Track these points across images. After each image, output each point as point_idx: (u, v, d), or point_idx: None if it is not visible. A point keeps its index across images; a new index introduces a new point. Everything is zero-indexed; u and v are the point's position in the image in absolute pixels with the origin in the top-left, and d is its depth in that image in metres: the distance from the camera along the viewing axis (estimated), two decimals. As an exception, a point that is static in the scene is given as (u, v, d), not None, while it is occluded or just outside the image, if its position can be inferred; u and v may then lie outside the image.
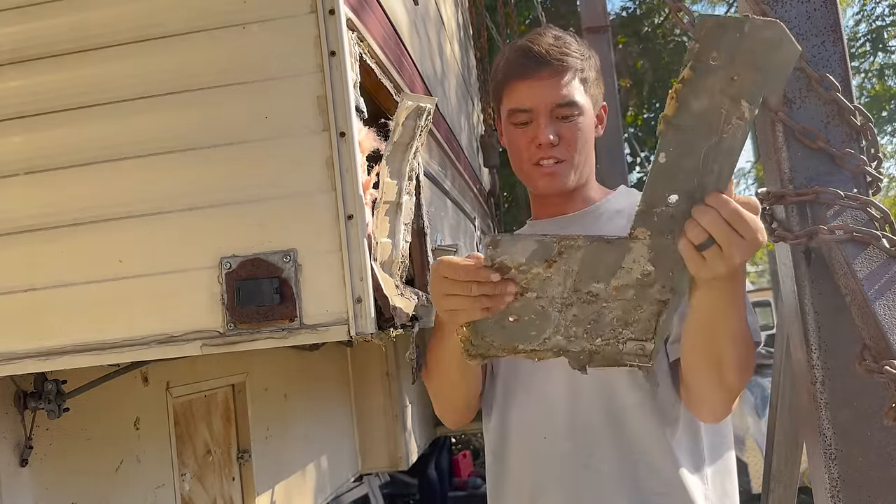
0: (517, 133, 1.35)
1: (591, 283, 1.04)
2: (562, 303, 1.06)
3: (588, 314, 1.08)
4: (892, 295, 1.16)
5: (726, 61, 0.92)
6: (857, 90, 11.68)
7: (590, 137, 1.37)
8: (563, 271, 1.03)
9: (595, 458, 1.28)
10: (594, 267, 1.03)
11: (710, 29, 0.90)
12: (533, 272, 1.03)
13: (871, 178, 1.30)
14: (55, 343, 1.25)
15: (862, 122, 1.30)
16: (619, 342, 1.11)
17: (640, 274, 1.03)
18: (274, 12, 1.24)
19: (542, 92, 1.31)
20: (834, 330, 1.28)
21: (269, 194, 1.22)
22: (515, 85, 1.34)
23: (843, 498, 1.24)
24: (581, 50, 1.37)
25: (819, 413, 1.28)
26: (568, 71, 1.32)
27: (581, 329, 1.09)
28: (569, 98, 1.32)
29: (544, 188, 1.36)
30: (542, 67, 1.31)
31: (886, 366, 1.10)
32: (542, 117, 1.31)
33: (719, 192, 0.98)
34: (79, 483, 1.67)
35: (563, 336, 1.10)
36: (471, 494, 7.03)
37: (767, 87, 0.94)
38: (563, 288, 1.05)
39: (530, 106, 1.32)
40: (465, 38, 4.74)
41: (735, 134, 0.95)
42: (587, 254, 1.02)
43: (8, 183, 1.29)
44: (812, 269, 1.30)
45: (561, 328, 1.09)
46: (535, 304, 1.06)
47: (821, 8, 1.34)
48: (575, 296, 1.06)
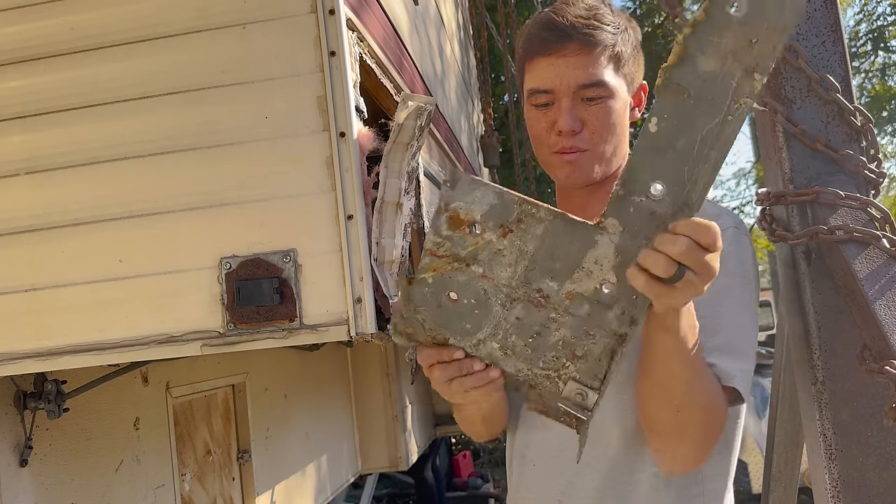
0: (537, 116, 1.20)
1: (545, 279, 0.91)
2: (507, 294, 0.93)
3: (533, 322, 0.93)
4: (893, 295, 1.16)
5: (752, 14, 0.79)
6: (858, 90, 11.68)
7: (621, 123, 1.19)
8: (517, 248, 0.90)
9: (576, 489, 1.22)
10: (551, 254, 0.90)
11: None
12: (485, 237, 0.90)
13: (871, 178, 1.30)
14: (55, 343, 1.25)
15: (862, 123, 1.30)
16: (560, 379, 0.95)
17: (598, 283, 0.90)
18: (274, 12, 1.24)
19: (564, 71, 1.15)
20: (834, 330, 1.28)
21: (269, 194, 1.22)
22: (536, 62, 1.18)
23: (843, 498, 1.24)
24: (616, 21, 1.19)
25: (819, 413, 1.28)
26: (597, 46, 1.15)
27: (521, 341, 0.95)
28: (596, 78, 1.15)
29: (564, 180, 1.21)
30: (566, 42, 1.15)
31: (887, 366, 1.10)
32: (565, 99, 1.16)
33: (689, 217, 0.85)
34: (79, 483, 1.67)
35: (500, 345, 0.96)
36: (471, 495, 7.02)
37: (777, 55, 0.80)
38: (512, 272, 0.91)
39: (551, 86, 1.16)
40: (465, 38, 4.74)
41: (739, 118, 0.83)
42: (547, 232, 0.89)
43: (8, 183, 1.29)
44: (812, 269, 1.30)
45: (500, 332, 0.95)
46: (479, 284, 0.93)
47: (821, 8, 1.34)
48: (523, 290, 0.92)
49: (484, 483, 7.20)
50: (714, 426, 1.11)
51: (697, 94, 0.82)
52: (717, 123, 0.82)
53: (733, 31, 0.79)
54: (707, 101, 0.82)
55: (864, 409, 1.25)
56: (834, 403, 1.27)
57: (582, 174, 1.20)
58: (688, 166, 0.84)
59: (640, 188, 0.86)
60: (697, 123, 0.83)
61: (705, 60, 0.80)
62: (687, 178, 0.85)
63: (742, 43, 0.79)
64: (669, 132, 0.83)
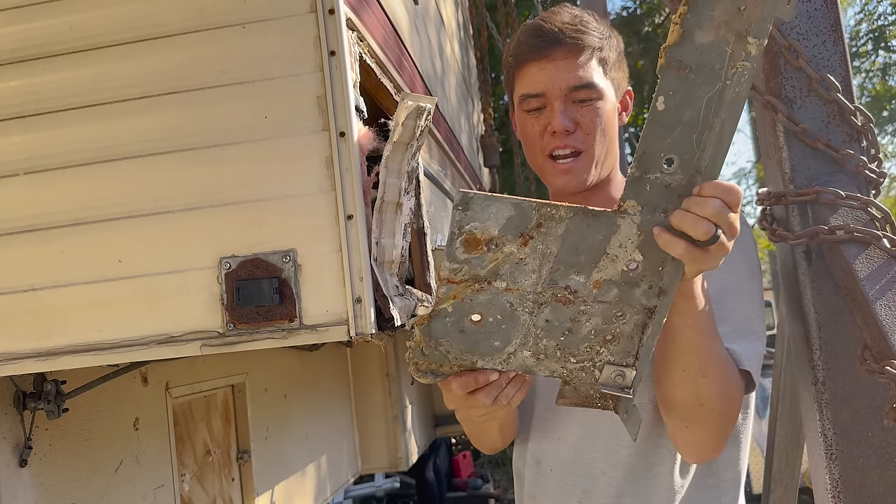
0: (530, 121, 1.22)
1: (570, 275, 0.91)
2: (534, 300, 0.93)
3: (563, 320, 0.94)
4: (893, 295, 1.16)
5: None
6: (858, 90, 11.68)
7: (612, 125, 1.23)
8: (539, 252, 0.90)
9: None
10: (575, 249, 0.90)
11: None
12: (505, 250, 0.90)
13: (872, 178, 1.30)
14: (55, 343, 1.25)
15: (862, 123, 1.30)
16: (596, 367, 0.96)
17: (625, 265, 0.91)
18: (274, 12, 1.24)
19: (555, 74, 1.18)
20: (834, 330, 1.28)
21: (268, 194, 1.21)
22: (526, 68, 1.21)
23: (844, 498, 1.24)
24: (600, 28, 1.23)
25: (819, 413, 1.28)
26: (584, 50, 1.19)
27: (553, 342, 0.95)
28: (586, 79, 1.18)
29: (561, 186, 1.23)
30: (555, 47, 1.19)
31: (887, 366, 1.10)
32: (557, 102, 1.19)
33: (712, 181, 0.88)
34: (78, 483, 1.66)
35: (532, 351, 0.95)
36: (471, 495, 7.02)
37: (777, 12, 0.84)
38: (537, 277, 0.91)
39: (542, 90, 1.19)
40: (465, 37, 4.74)
41: (740, 80, 0.86)
42: (569, 229, 0.89)
43: (8, 183, 1.29)
44: (812, 269, 1.30)
45: (530, 339, 0.95)
46: (503, 298, 0.93)
47: (821, 8, 1.34)
48: (550, 291, 0.92)
49: (484, 483, 7.20)
50: (732, 402, 1.12)
51: (697, 67, 0.86)
52: (717, 90, 0.86)
53: (724, 2, 0.84)
54: (706, 71, 0.86)
55: (864, 409, 1.25)
56: (834, 403, 1.27)
57: (578, 179, 1.22)
58: (695, 135, 0.87)
59: (654, 165, 0.88)
60: (699, 93, 0.86)
61: (702, 34, 0.85)
62: (696, 146, 0.88)
63: (732, 11, 0.83)
64: (675, 107, 0.87)
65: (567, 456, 1.27)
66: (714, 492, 1.24)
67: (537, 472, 1.32)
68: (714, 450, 1.16)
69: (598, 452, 1.24)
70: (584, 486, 1.25)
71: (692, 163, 0.88)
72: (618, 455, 1.22)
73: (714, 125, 0.87)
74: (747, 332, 1.17)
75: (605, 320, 0.94)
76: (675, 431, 1.16)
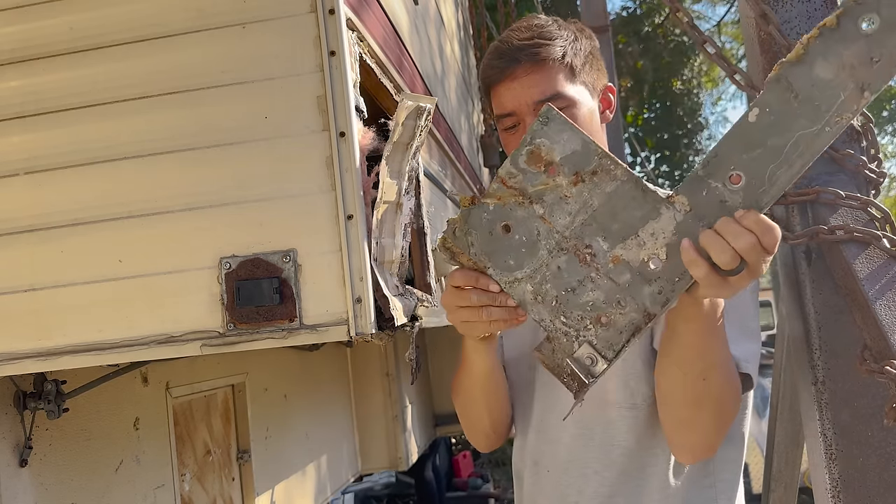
0: (509, 138, 1.27)
1: (598, 236, 0.92)
2: (557, 242, 0.94)
3: (572, 276, 0.94)
4: (893, 295, 1.16)
5: (882, 33, 0.77)
6: (858, 90, 11.66)
7: (590, 130, 1.23)
8: (583, 199, 0.91)
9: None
10: (613, 214, 0.90)
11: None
12: (557, 181, 0.92)
13: (872, 177, 1.30)
14: (55, 343, 1.25)
15: (862, 123, 1.30)
16: (577, 339, 0.95)
17: (647, 256, 0.90)
18: (274, 12, 1.24)
19: (520, 92, 1.22)
20: (834, 330, 1.28)
21: (268, 194, 1.21)
22: (495, 90, 1.26)
23: (844, 498, 1.24)
24: (563, 34, 1.24)
25: (819, 413, 1.28)
26: (545, 62, 1.21)
27: (555, 293, 0.95)
28: (551, 91, 1.20)
29: None
30: (515, 66, 1.22)
31: (887, 366, 1.10)
32: (528, 117, 1.22)
33: (757, 213, 0.85)
34: (78, 483, 1.67)
35: (534, 289, 0.97)
36: (471, 495, 7.02)
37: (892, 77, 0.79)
38: (570, 221, 0.92)
39: (512, 108, 1.23)
40: (465, 37, 4.74)
41: (836, 132, 0.82)
42: (617, 192, 0.90)
43: (8, 183, 1.29)
44: (812, 269, 1.30)
45: (538, 275, 0.96)
46: (535, 224, 0.95)
47: (821, 8, 1.34)
48: (574, 242, 0.93)
49: (484, 483, 7.20)
50: (731, 403, 1.12)
51: (804, 98, 0.81)
52: (814, 131, 0.82)
53: (859, 45, 0.78)
54: (811, 107, 0.81)
55: (864, 409, 1.25)
56: (834, 403, 1.27)
57: None
58: (772, 165, 0.84)
59: (721, 174, 0.86)
60: (795, 125, 0.82)
61: (823, 67, 0.80)
62: (768, 177, 0.84)
63: (863, 58, 0.79)
64: (766, 126, 0.83)
65: (562, 456, 1.28)
66: (711, 492, 1.24)
67: (535, 474, 1.34)
68: (710, 449, 1.17)
69: (592, 452, 1.25)
70: (579, 487, 1.26)
71: (756, 193, 0.85)
72: (611, 455, 1.24)
73: (794, 164, 0.83)
74: (745, 333, 1.17)
75: (606, 300, 0.93)
76: (672, 432, 1.16)
